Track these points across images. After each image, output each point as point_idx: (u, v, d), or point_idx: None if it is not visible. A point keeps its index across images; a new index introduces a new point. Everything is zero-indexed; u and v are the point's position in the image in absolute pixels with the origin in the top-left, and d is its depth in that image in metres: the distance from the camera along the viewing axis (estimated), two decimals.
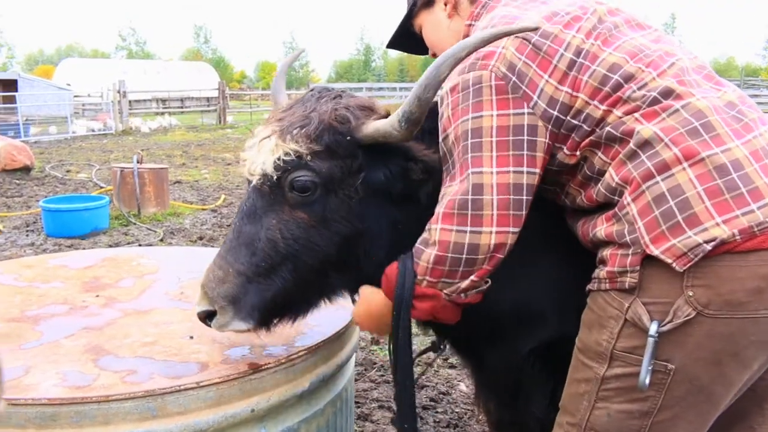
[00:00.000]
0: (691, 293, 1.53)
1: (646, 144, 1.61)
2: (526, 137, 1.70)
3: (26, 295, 2.76)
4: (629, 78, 1.70)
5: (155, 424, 1.89)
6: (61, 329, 2.39)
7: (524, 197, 1.71)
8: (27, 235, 8.04)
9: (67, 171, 13.62)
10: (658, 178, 1.57)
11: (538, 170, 1.73)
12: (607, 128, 1.69)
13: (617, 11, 1.91)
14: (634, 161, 1.63)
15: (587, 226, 1.79)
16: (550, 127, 1.72)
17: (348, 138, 1.90)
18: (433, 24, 2.20)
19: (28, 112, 25.65)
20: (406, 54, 2.32)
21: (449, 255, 1.74)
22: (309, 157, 1.88)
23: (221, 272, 1.96)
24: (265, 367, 2.07)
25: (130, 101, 26.17)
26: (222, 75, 56.14)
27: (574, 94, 1.72)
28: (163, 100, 39.12)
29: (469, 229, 1.71)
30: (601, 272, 1.69)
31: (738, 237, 1.49)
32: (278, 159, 1.88)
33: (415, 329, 1.99)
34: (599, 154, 1.73)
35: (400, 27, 2.30)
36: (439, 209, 1.77)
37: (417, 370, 3.49)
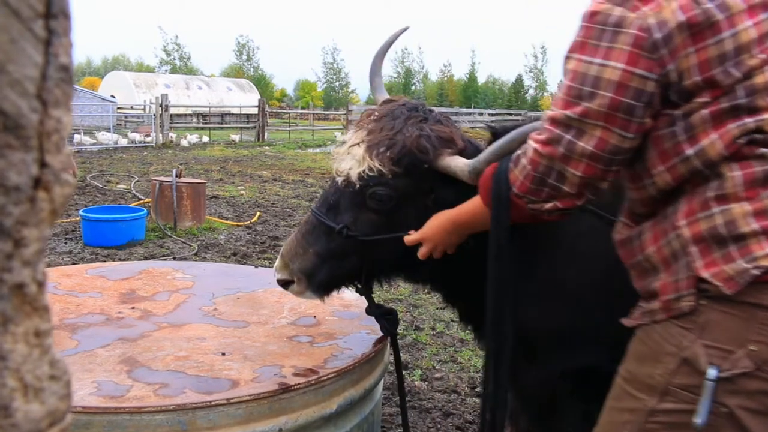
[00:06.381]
0: (754, 348, 1.47)
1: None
2: (639, 104, 1.53)
3: (65, 304, 2.83)
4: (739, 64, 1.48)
5: None
6: (97, 339, 2.44)
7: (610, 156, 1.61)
8: (65, 243, 8.19)
9: (107, 181, 13.84)
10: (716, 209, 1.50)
11: (631, 135, 1.57)
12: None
13: None
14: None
15: (634, 246, 1.73)
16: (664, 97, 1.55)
17: (425, 166, 2.11)
18: None
19: (73, 122, 26.18)
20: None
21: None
22: (389, 176, 2.12)
23: (301, 250, 2.29)
24: (295, 387, 2.09)
25: (171, 115, 26.54)
26: (263, 93, 56.82)
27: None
28: (204, 116, 39.75)
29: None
30: (652, 305, 1.65)
31: None
32: (363, 171, 2.13)
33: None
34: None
35: None
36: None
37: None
